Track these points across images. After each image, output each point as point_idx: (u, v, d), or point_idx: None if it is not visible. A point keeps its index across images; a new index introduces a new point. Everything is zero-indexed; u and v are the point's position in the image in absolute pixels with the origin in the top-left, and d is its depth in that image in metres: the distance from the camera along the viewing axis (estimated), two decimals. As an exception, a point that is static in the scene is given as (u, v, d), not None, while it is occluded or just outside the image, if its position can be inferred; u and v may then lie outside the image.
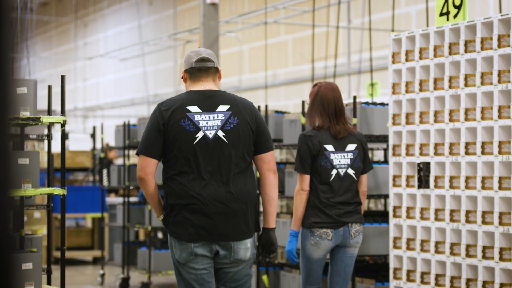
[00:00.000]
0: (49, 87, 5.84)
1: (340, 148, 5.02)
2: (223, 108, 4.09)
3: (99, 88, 26.48)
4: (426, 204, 5.96)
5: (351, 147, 5.07)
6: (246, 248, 4.10)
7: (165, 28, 21.89)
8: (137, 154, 4.13)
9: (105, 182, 12.47)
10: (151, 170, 4.06)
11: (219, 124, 4.07)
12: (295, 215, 4.98)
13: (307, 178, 4.95)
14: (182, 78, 4.30)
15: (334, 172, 4.99)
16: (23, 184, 5.42)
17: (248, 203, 4.11)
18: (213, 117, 4.08)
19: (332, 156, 4.99)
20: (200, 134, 4.05)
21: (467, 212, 5.64)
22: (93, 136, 11.40)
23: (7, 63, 1.57)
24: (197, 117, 4.06)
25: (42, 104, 5.77)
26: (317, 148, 4.97)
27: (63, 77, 5.63)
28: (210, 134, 4.06)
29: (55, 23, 29.41)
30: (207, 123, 4.07)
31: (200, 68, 4.16)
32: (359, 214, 5.04)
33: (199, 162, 4.04)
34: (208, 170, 4.05)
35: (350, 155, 5.05)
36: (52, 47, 29.79)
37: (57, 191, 5.51)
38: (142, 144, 4.11)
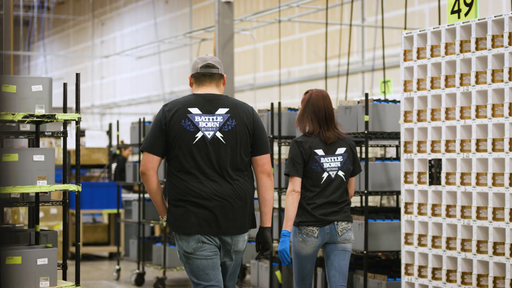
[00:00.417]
0: (65, 85, 5.93)
1: (330, 152, 5.25)
2: (222, 111, 4.37)
3: (115, 85, 26.63)
4: (437, 201, 6.00)
5: (341, 150, 5.27)
6: (244, 240, 4.43)
7: (181, 26, 21.99)
8: (141, 151, 4.43)
9: (111, 177, 12.58)
10: (152, 165, 4.35)
11: (218, 125, 4.35)
12: (286, 215, 5.17)
13: (298, 180, 5.17)
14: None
15: (325, 175, 5.22)
16: (38, 180, 5.50)
17: (247, 199, 4.40)
18: (212, 119, 4.36)
19: (323, 160, 5.22)
20: (199, 134, 4.34)
21: (478, 208, 5.67)
22: (109, 133, 11.52)
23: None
24: (197, 118, 4.34)
25: (60, 102, 5.89)
26: (308, 153, 5.20)
27: (77, 75, 5.72)
28: (209, 134, 4.34)
29: (73, 21, 29.60)
30: (206, 124, 4.35)
31: (205, 74, 4.45)
32: (346, 213, 5.24)
33: (198, 161, 4.32)
34: (207, 168, 4.32)
35: (340, 158, 5.26)
36: (70, 46, 29.98)
37: (72, 187, 5.60)
38: (145, 142, 4.42)
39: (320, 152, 5.22)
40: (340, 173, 5.26)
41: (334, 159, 5.25)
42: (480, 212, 5.66)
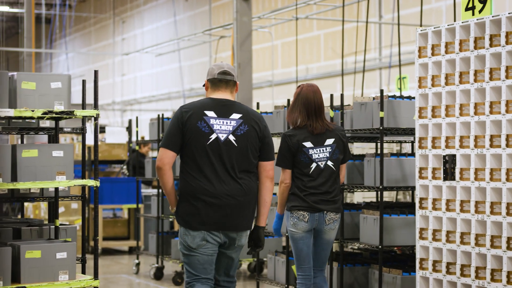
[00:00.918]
0: (83, 82, 6.04)
1: (319, 143, 5.59)
2: (236, 116, 4.70)
3: (136, 82, 26.80)
4: (451, 196, 6.04)
5: (329, 141, 5.61)
6: (246, 235, 4.80)
7: (200, 24, 22.09)
8: (159, 148, 4.74)
9: (125, 171, 12.70)
10: (168, 161, 4.64)
11: (231, 129, 4.67)
12: (279, 201, 5.67)
13: (287, 172, 5.58)
14: (204, 86, 4.91)
15: (313, 165, 5.57)
16: (57, 176, 5.61)
17: (253, 198, 4.74)
18: (227, 123, 4.67)
19: (311, 151, 5.57)
20: (213, 136, 4.65)
21: (492, 203, 5.70)
22: (128, 129, 11.65)
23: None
24: (212, 121, 4.65)
25: (80, 99, 6.04)
26: (296, 146, 5.55)
27: (96, 72, 5.82)
28: (222, 137, 4.66)
29: (94, 19, 29.81)
30: (220, 127, 4.66)
31: (221, 80, 4.77)
32: (336, 204, 5.61)
33: (211, 160, 4.63)
34: (219, 168, 4.63)
35: (329, 149, 5.60)
36: (91, 43, 30.20)
37: (91, 182, 5.70)
38: (163, 139, 4.70)
39: (308, 144, 5.56)
40: (329, 163, 5.60)
41: (322, 150, 5.58)
42: (494, 207, 5.69)
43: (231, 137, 4.67)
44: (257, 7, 19.03)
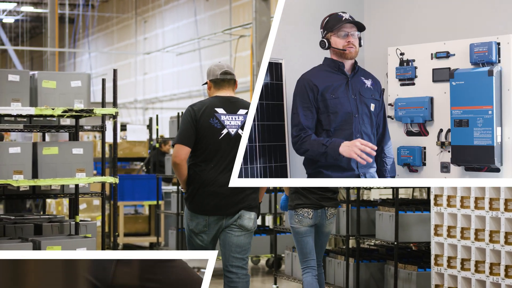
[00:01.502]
0: (103, 81, 6.16)
1: None
2: (242, 111, 5.07)
3: (158, 81, 26.97)
4: (466, 193, 6.08)
5: None
6: (250, 218, 5.12)
7: (220, 24, 22.20)
8: (175, 144, 5.04)
9: (144, 168, 12.82)
10: (185, 156, 5.03)
11: (240, 124, 5.05)
12: (284, 189, 6.19)
13: None
14: (204, 84, 5.27)
15: None
16: (77, 173, 5.73)
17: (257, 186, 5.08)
18: (235, 118, 5.05)
19: None
20: (224, 131, 5.03)
21: (506, 200, 5.74)
22: (149, 127, 11.78)
23: None
24: (222, 117, 5.02)
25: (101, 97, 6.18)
26: None
27: (115, 71, 5.94)
28: (232, 131, 5.04)
29: (116, 19, 30.03)
30: (230, 122, 5.03)
31: (224, 79, 5.13)
32: (336, 201, 5.96)
33: (221, 153, 5.01)
34: (228, 160, 4.98)
35: None
36: (114, 43, 30.42)
37: (110, 179, 5.81)
38: (178, 136, 5.05)
39: None
40: None
41: None
42: (508, 204, 5.74)
43: (240, 132, 5.01)
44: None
